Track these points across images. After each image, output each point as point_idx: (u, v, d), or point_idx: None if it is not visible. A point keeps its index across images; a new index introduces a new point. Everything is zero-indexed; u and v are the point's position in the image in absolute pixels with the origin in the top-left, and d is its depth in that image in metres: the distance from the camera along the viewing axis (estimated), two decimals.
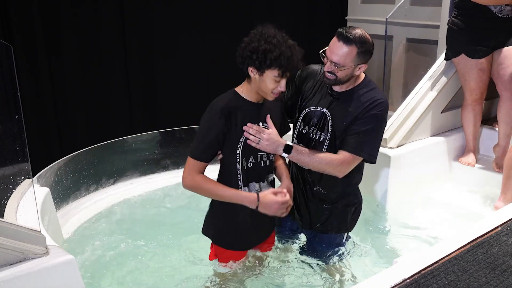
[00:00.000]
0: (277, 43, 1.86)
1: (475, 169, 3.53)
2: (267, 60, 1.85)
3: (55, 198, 2.90)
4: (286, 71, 1.89)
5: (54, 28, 3.94)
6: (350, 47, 2.00)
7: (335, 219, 2.31)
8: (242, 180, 2.04)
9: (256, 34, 1.90)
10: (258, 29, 1.92)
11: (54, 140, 4.15)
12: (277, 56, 1.84)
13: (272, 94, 1.94)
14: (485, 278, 1.80)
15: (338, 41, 2.02)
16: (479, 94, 3.41)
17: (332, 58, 2.03)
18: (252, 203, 1.99)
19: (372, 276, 1.86)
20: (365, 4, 5.42)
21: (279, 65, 1.85)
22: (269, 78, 1.89)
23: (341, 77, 2.07)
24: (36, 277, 1.65)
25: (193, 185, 1.99)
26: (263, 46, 1.85)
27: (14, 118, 1.77)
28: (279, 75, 1.88)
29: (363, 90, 2.13)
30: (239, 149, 1.99)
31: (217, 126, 1.94)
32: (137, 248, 2.79)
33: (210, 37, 4.73)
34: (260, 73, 1.89)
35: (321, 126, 2.17)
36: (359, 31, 2.03)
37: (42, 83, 3.98)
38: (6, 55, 1.73)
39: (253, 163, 2.04)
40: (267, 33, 1.89)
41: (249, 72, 1.93)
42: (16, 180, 2.03)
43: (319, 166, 2.09)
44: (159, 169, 3.74)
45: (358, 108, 2.10)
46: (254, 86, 1.96)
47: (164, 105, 4.64)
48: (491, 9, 3.18)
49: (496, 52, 3.31)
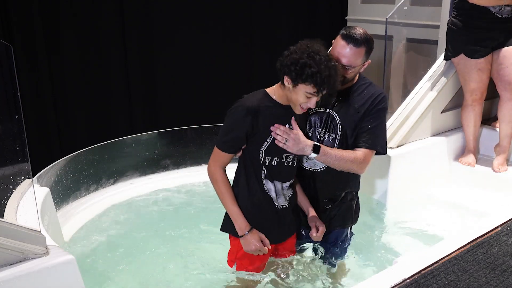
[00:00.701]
0: (318, 60, 1.86)
1: (475, 169, 3.53)
2: (304, 74, 1.85)
3: (55, 198, 2.90)
4: (320, 90, 1.89)
5: (54, 28, 3.95)
6: (360, 48, 2.03)
7: (342, 215, 2.32)
8: (266, 174, 2.06)
9: (302, 46, 1.91)
10: (305, 42, 1.93)
11: (54, 140, 4.15)
12: (314, 72, 1.84)
13: (300, 107, 1.96)
14: (485, 278, 1.80)
15: (347, 44, 2.03)
16: (479, 94, 3.41)
17: (342, 62, 2.05)
18: (241, 230, 2.05)
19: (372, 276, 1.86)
20: (365, 4, 5.41)
21: (314, 82, 1.86)
22: (301, 92, 1.90)
23: (350, 77, 2.11)
24: (36, 277, 1.65)
25: (213, 177, 2.05)
26: (304, 60, 1.85)
27: (14, 118, 1.77)
28: (312, 92, 1.89)
29: (362, 86, 2.17)
30: (263, 148, 2.02)
31: (242, 125, 1.96)
32: (137, 248, 2.79)
33: (210, 37, 4.73)
34: (294, 84, 1.90)
35: (328, 126, 2.18)
36: (361, 30, 2.05)
37: (42, 83, 3.98)
38: (6, 55, 1.73)
39: (277, 162, 2.06)
40: (312, 47, 1.89)
41: (284, 80, 1.94)
42: (16, 180, 2.03)
43: (344, 164, 2.12)
44: (159, 169, 3.74)
45: (365, 104, 2.14)
46: (285, 93, 1.98)
47: (164, 105, 4.64)
48: (490, 10, 3.18)
49: (496, 52, 3.31)
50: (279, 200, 2.10)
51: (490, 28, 3.24)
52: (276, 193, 2.09)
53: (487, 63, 3.32)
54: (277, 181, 2.08)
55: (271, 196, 2.09)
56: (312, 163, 2.20)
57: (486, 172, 3.48)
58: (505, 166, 3.44)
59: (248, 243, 2.04)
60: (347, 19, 5.55)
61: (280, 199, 2.11)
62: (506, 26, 3.22)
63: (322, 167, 2.19)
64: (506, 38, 3.26)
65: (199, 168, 3.77)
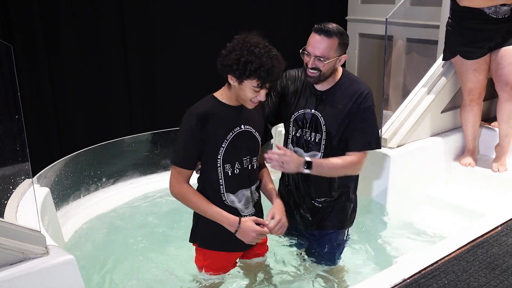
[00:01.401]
0: (258, 53, 1.84)
1: (475, 169, 3.53)
2: (247, 71, 1.84)
3: (55, 198, 2.90)
4: (266, 82, 1.88)
5: (54, 28, 3.94)
6: (332, 39, 2.06)
7: (336, 216, 2.32)
8: (225, 187, 2.01)
9: (239, 42, 1.89)
10: (241, 37, 1.91)
11: (54, 140, 4.14)
12: (257, 67, 1.83)
13: (251, 102, 1.94)
14: (485, 278, 1.80)
15: (319, 35, 2.07)
16: (477, 94, 3.41)
17: (315, 53, 2.07)
18: (231, 226, 1.99)
19: (372, 276, 1.87)
20: (365, 4, 5.41)
21: (258, 76, 1.85)
22: (248, 87, 1.89)
23: (325, 71, 2.10)
24: (36, 277, 1.65)
25: (180, 194, 2.00)
26: (245, 58, 1.84)
27: (14, 118, 1.78)
28: (258, 85, 1.88)
29: (346, 84, 2.18)
30: (220, 155, 1.98)
31: (194, 132, 1.92)
32: (138, 249, 2.79)
33: (210, 37, 4.72)
34: (239, 82, 1.89)
35: (314, 127, 2.20)
36: (334, 24, 2.10)
37: (42, 83, 3.97)
38: (6, 55, 1.74)
39: (239, 169, 2.02)
40: (250, 41, 1.87)
41: (229, 79, 1.92)
42: (16, 180, 2.03)
43: (338, 172, 2.17)
44: (159, 169, 3.74)
45: (347, 103, 2.15)
46: (233, 92, 1.95)
47: (164, 105, 4.63)
48: (485, 11, 3.16)
49: (494, 53, 3.31)
50: (246, 211, 2.06)
51: (484, 29, 3.23)
52: (244, 203, 2.05)
53: (483, 64, 3.32)
54: (245, 189, 2.05)
55: (236, 207, 2.04)
56: None
57: (486, 172, 3.48)
58: (505, 166, 3.44)
59: (246, 235, 1.99)
60: (347, 19, 5.56)
61: (248, 209, 2.07)
62: (503, 26, 3.21)
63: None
64: (504, 38, 3.25)
65: None
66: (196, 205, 2.00)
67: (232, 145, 1.98)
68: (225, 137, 1.97)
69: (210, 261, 2.14)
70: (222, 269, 2.17)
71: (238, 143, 1.99)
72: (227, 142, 1.97)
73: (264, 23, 5.05)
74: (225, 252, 2.12)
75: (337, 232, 2.36)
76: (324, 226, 2.33)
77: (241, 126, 2.00)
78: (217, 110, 1.96)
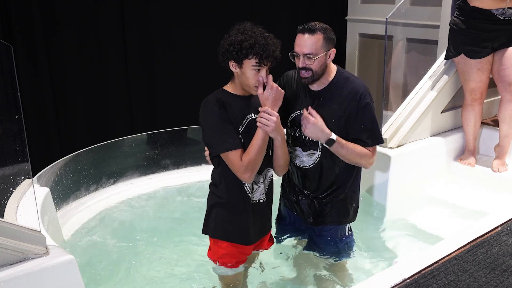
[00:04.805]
0: (252, 33, 1.93)
1: (475, 169, 3.53)
2: (243, 49, 1.91)
3: (55, 198, 2.90)
4: (263, 59, 1.93)
5: (54, 28, 3.94)
6: (316, 35, 2.10)
7: (337, 211, 2.33)
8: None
9: (233, 29, 1.98)
10: (235, 26, 2.00)
11: (54, 140, 4.14)
12: (252, 44, 1.91)
13: (255, 88, 1.99)
14: (485, 278, 1.80)
15: (303, 34, 2.12)
16: (479, 94, 3.41)
17: (303, 51, 2.11)
18: (270, 129, 1.96)
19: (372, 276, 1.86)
20: (365, 4, 5.41)
21: (255, 52, 1.91)
22: (248, 69, 1.95)
23: (316, 68, 2.13)
24: (36, 277, 1.65)
25: (248, 167, 1.96)
26: (239, 38, 1.92)
27: (14, 118, 1.78)
28: (257, 63, 1.93)
29: (340, 82, 2.21)
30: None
31: (222, 113, 1.97)
32: (138, 249, 2.79)
33: (211, 37, 4.70)
34: (239, 65, 1.95)
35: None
36: (317, 22, 2.14)
37: (42, 83, 3.97)
38: (6, 55, 1.74)
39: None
40: (243, 27, 1.97)
41: (230, 67, 1.99)
42: (16, 180, 2.03)
43: (355, 159, 2.19)
44: (159, 169, 3.74)
45: (343, 103, 2.18)
46: (238, 82, 2.02)
47: (164, 105, 4.64)
48: (493, 12, 3.18)
49: (497, 53, 3.31)
50: (254, 195, 2.09)
51: (491, 29, 3.24)
52: (257, 186, 2.08)
53: (487, 63, 3.33)
54: (257, 175, 2.06)
55: (249, 190, 2.06)
56: (301, 160, 2.28)
57: (486, 172, 3.48)
58: (505, 166, 3.45)
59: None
60: (347, 19, 5.55)
61: (257, 193, 2.09)
62: (509, 28, 3.22)
63: (310, 164, 2.25)
64: (508, 39, 3.26)
65: (199, 168, 3.77)
66: (256, 152, 1.96)
67: (246, 131, 2.02)
68: (241, 123, 2.02)
69: (225, 252, 2.14)
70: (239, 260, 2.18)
71: (251, 130, 2.02)
72: (243, 127, 2.02)
73: (264, 23, 5.02)
74: (239, 245, 2.14)
75: (337, 227, 2.37)
76: (324, 221, 2.34)
77: (252, 114, 2.05)
78: (229, 99, 2.02)
